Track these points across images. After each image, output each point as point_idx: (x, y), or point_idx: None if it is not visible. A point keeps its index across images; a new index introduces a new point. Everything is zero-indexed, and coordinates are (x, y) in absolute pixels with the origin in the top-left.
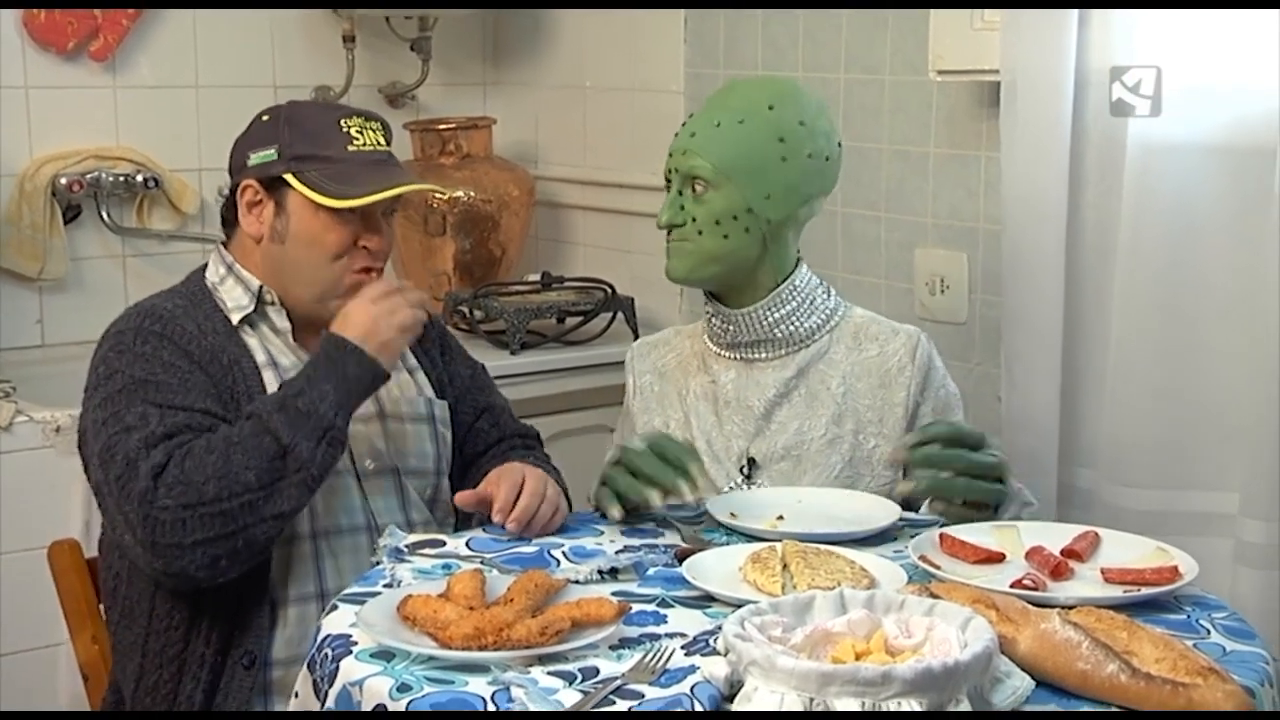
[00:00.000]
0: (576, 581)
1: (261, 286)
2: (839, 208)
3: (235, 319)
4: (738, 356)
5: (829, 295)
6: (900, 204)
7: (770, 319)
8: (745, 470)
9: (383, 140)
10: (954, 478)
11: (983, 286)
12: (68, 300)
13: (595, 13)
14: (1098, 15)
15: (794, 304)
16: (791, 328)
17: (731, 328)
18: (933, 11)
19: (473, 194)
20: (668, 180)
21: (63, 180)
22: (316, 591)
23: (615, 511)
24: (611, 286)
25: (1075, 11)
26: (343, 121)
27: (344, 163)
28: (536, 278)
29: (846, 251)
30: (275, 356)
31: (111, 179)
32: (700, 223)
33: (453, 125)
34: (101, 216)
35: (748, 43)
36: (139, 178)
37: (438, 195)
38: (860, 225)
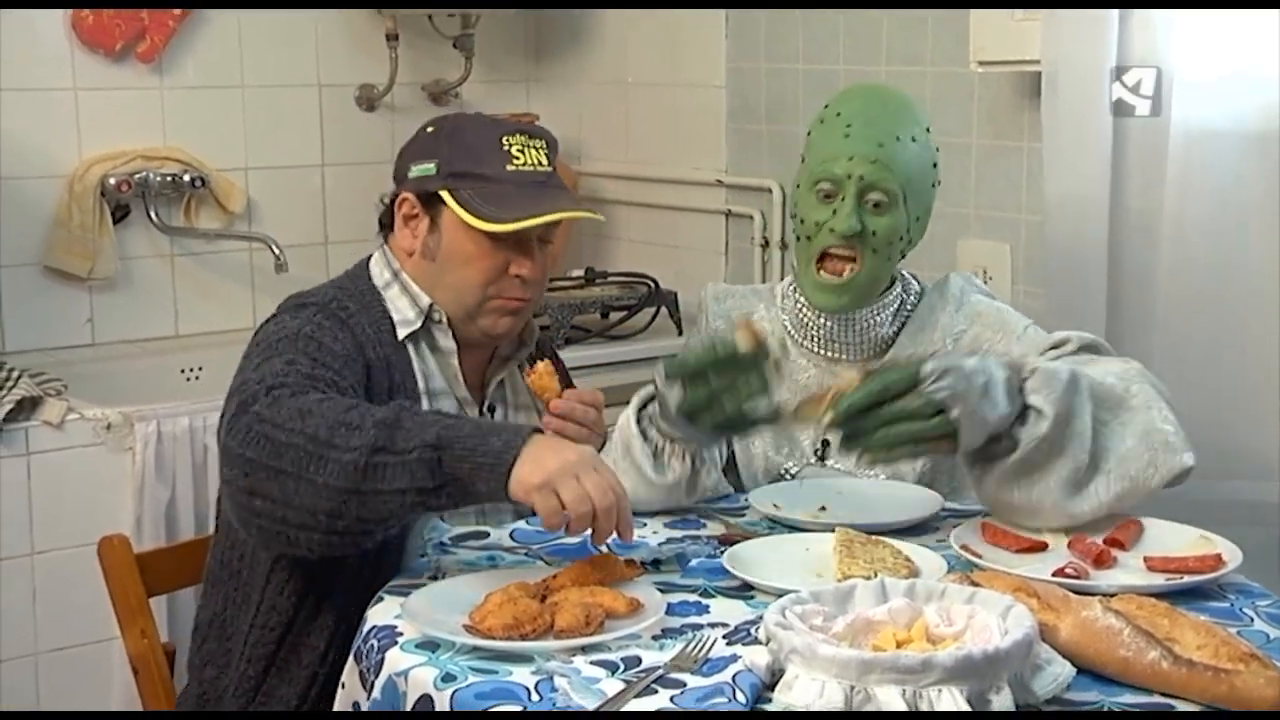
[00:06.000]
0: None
1: (431, 305)
2: None
3: (401, 334)
4: (820, 352)
5: (908, 293)
6: (943, 195)
7: (864, 324)
8: (820, 452)
9: (545, 160)
10: (882, 434)
11: (1025, 277)
12: (117, 299)
13: (637, 8)
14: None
15: (887, 313)
16: (878, 333)
17: (828, 322)
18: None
19: None
20: (821, 181)
21: (111, 180)
22: None
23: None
24: (655, 281)
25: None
26: (505, 139)
27: (500, 183)
28: (580, 273)
29: None
30: (430, 380)
31: (159, 179)
32: (879, 239)
33: None
34: (150, 216)
35: (789, 37)
36: (186, 177)
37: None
38: None
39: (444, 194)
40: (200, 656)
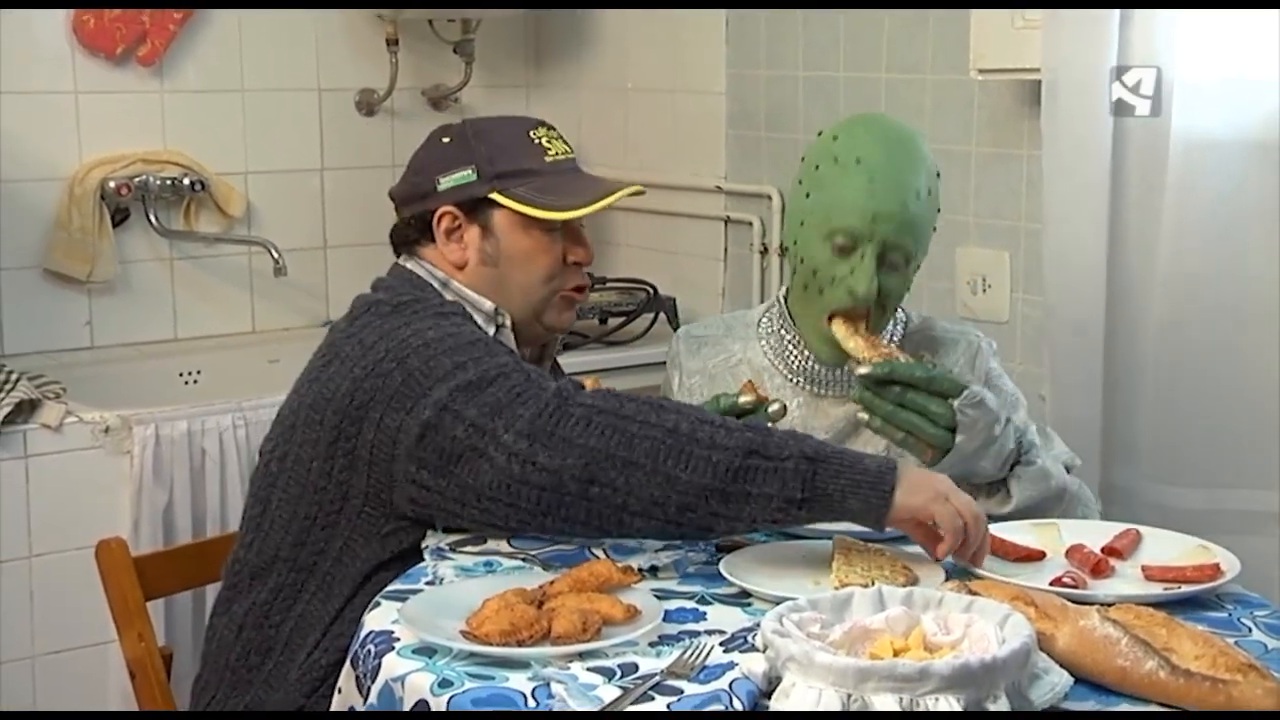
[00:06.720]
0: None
1: (496, 309)
2: None
3: None
4: (806, 387)
5: (895, 325)
6: (942, 202)
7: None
8: None
9: (568, 147)
10: (892, 409)
11: (1024, 285)
12: (116, 302)
13: (636, 14)
14: (1140, 13)
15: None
16: None
17: (816, 366)
18: (974, 10)
19: None
20: (837, 234)
21: (111, 184)
22: None
23: None
24: (654, 287)
25: (1117, 10)
26: (530, 132)
27: (545, 174)
28: None
29: None
30: None
31: (159, 182)
32: (885, 299)
33: None
34: (149, 219)
35: (789, 43)
36: (186, 181)
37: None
38: None
39: (496, 196)
40: (239, 645)
